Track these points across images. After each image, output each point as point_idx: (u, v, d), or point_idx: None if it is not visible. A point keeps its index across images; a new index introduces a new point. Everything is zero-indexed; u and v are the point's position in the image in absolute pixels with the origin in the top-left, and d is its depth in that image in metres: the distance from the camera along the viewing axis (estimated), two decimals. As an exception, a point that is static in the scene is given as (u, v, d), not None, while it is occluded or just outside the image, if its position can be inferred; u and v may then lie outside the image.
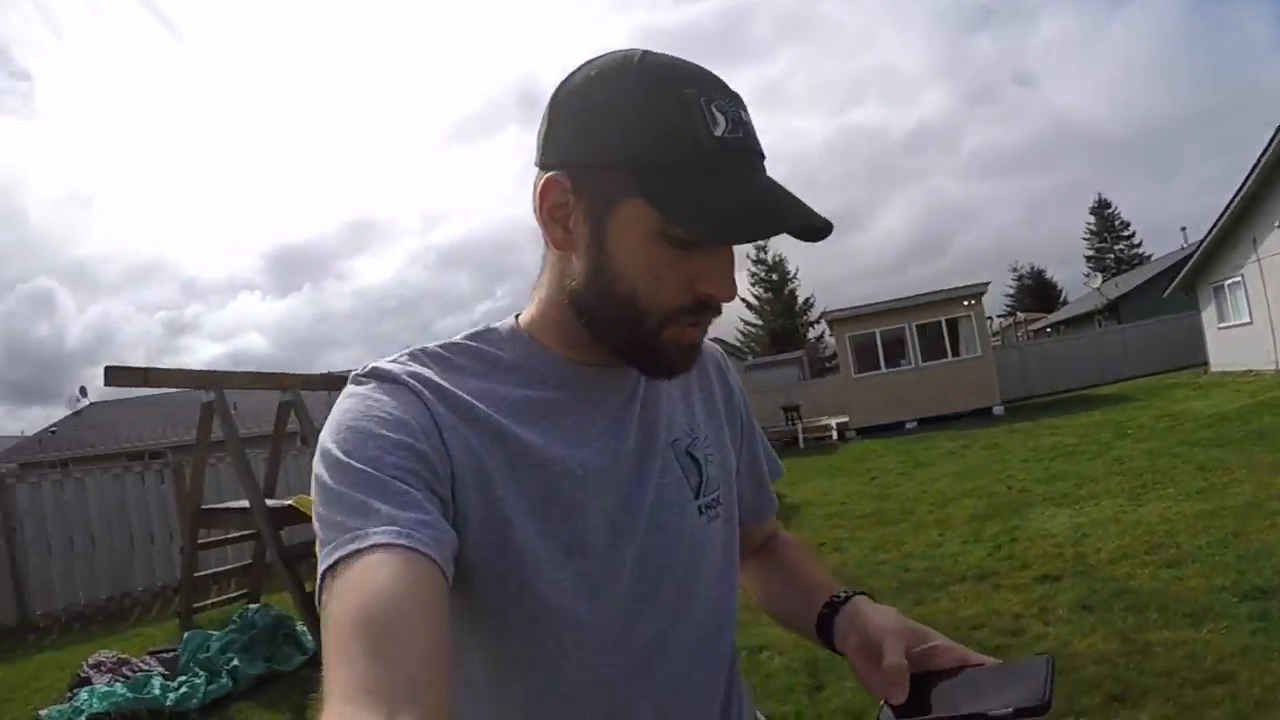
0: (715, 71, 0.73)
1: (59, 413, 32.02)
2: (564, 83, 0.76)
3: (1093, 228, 52.65)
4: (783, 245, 42.44)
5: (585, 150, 0.73)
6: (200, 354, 68.39)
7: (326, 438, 0.71)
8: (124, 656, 6.08)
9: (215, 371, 7.17)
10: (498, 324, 0.85)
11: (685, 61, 0.73)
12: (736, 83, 0.73)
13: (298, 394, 7.20)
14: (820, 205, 0.71)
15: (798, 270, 47.88)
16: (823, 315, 28.50)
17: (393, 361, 0.78)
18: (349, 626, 0.58)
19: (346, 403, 0.73)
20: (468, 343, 0.82)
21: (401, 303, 75.71)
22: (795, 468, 13.16)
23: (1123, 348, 23.63)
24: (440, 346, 0.81)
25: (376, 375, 0.76)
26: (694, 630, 0.84)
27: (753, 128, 0.72)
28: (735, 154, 0.70)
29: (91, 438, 25.64)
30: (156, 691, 5.27)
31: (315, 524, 0.67)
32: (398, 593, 0.59)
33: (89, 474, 9.95)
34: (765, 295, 48.61)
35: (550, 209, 0.75)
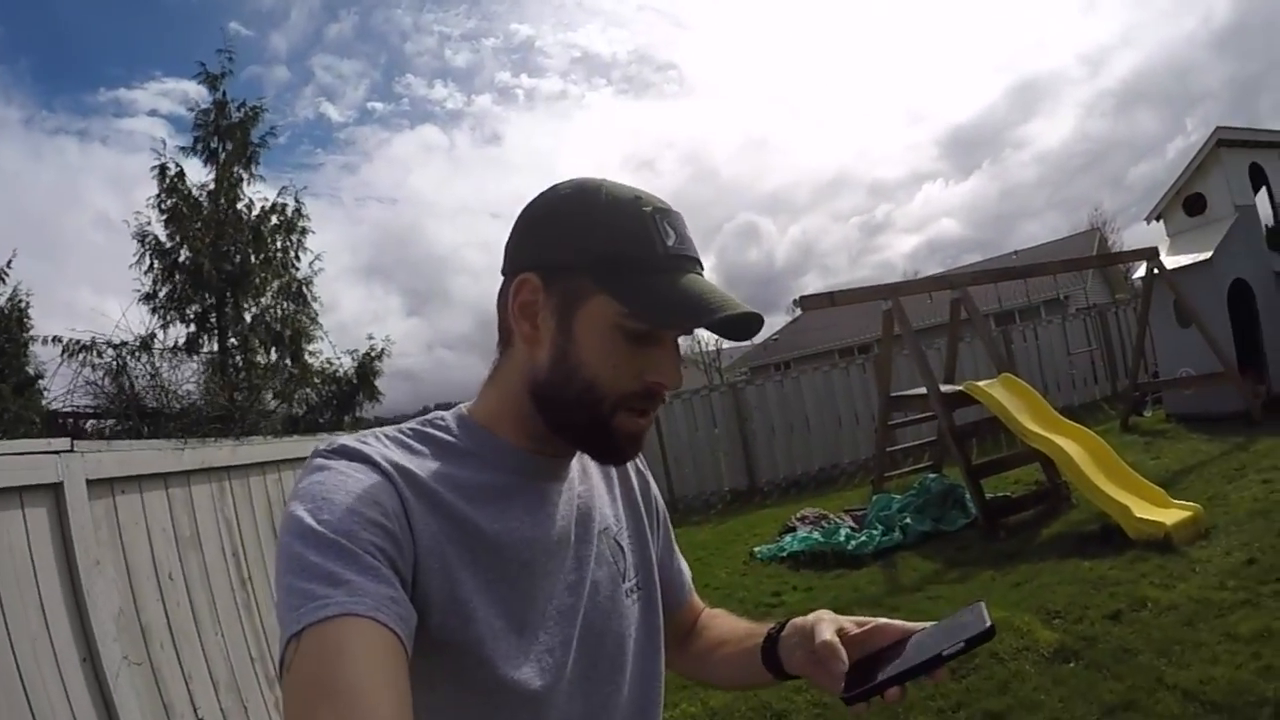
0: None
1: (779, 322, 37.69)
2: (534, 201, 0.89)
3: None
4: None
5: (556, 254, 0.85)
6: (898, 248, 72.14)
7: (298, 506, 0.73)
8: (823, 512, 7.86)
9: (889, 284, 8.35)
10: (443, 414, 0.93)
11: (639, 188, 0.86)
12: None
13: (965, 291, 7.90)
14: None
15: None
16: None
17: (359, 441, 0.83)
18: (315, 692, 0.61)
19: (318, 475, 0.77)
20: (422, 429, 0.89)
21: (1088, 158, 68.96)
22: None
23: None
24: (398, 431, 0.88)
25: (346, 453, 0.80)
26: (627, 704, 0.94)
27: (692, 241, 0.86)
28: (682, 260, 0.84)
29: (807, 340, 29.87)
30: (841, 539, 6.82)
31: (279, 589, 0.70)
32: (364, 662, 0.62)
33: (803, 373, 12.37)
34: None
35: (522, 306, 0.86)
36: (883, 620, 0.87)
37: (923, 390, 7.69)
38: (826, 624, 0.87)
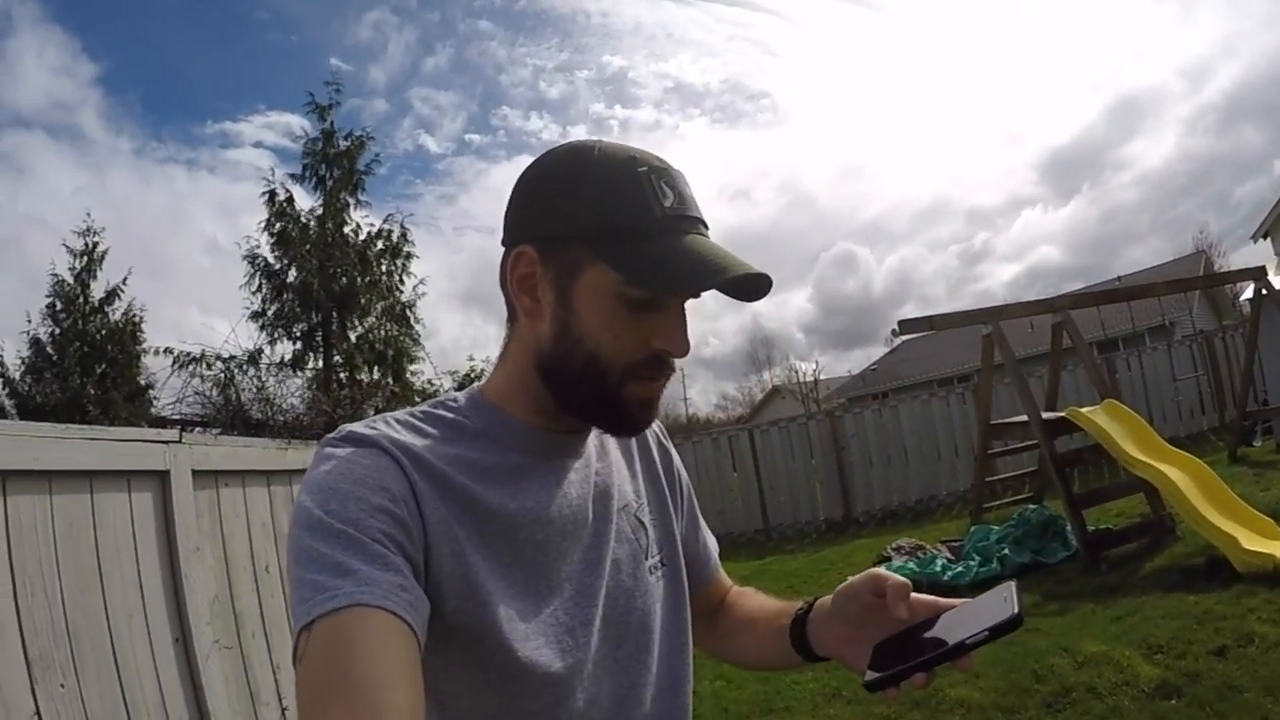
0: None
1: (877, 352, 37.07)
2: (528, 169, 0.87)
3: None
4: None
5: (551, 224, 0.83)
6: (998, 277, 69.86)
7: (305, 498, 0.74)
8: (920, 543, 7.70)
9: (989, 308, 8.16)
10: (456, 395, 0.92)
11: (635, 147, 0.83)
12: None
13: (1067, 314, 7.69)
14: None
15: None
16: None
17: (368, 427, 0.82)
18: (327, 683, 0.61)
19: (325, 465, 0.77)
20: (432, 411, 0.88)
21: (1190, 178, 65.38)
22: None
23: None
24: (407, 414, 0.87)
25: (353, 440, 0.80)
26: (654, 683, 0.92)
27: (694, 199, 0.83)
28: (681, 221, 0.80)
29: (905, 370, 29.27)
30: (938, 569, 6.67)
31: (290, 581, 0.70)
32: (375, 652, 0.63)
33: (902, 401, 12.13)
34: None
35: (520, 279, 0.84)
36: (916, 596, 0.81)
37: (1023, 418, 7.46)
38: (866, 579, 0.84)
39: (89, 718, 2.25)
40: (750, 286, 0.83)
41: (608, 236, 0.79)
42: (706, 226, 0.84)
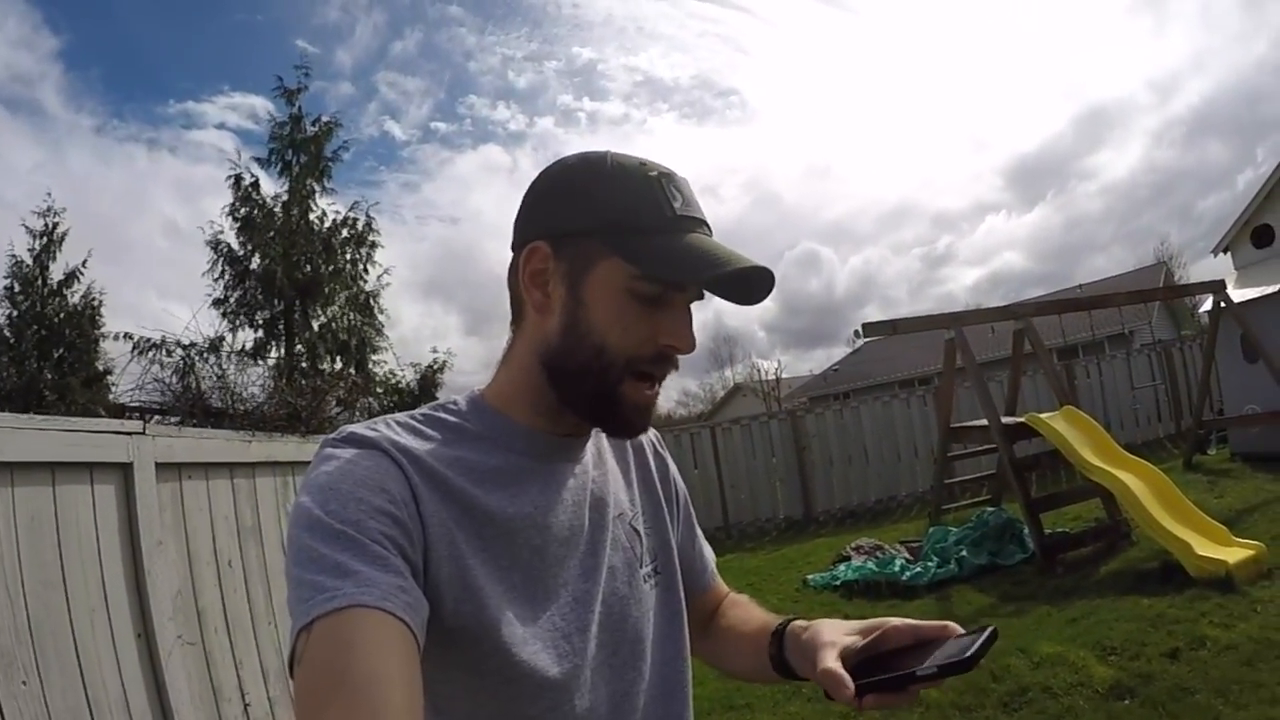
0: None
1: (839, 353, 37.38)
2: (540, 175, 0.90)
3: None
4: None
5: (566, 220, 0.85)
6: (960, 280, 70.69)
7: (305, 498, 0.74)
8: (879, 543, 7.81)
9: (952, 313, 8.27)
10: (456, 398, 0.93)
11: (643, 156, 0.87)
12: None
13: (1029, 321, 7.82)
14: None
15: None
16: None
17: (369, 429, 0.82)
18: (325, 682, 0.62)
19: (326, 465, 0.77)
20: (433, 414, 0.89)
21: (1153, 190, 66.81)
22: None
23: None
24: (408, 417, 0.88)
25: (354, 440, 0.80)
26: (647, 690, 0.93)
27: (699, 204, 0.87)
28: (690, 221, 0.84)
29: (868, 370, 29.58)
30: (896, 569, 6.76)
31: (289, 581, 0.70)
32: (374, 652, 0.63)
33: (863, 402, 12.20)
34: None
35: (532, 274, 0.87)
36: (891, 623, 0.82)
37: (983, 422, 7.56)
38: (827, 649, 0.82)
39: (51, 716, 2.21)
40: (753, 286, 0.86)
41: (622, 232, 0.82)
42: (710, 230, 0.87)
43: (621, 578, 0.93)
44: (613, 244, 0.82)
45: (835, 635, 0.85)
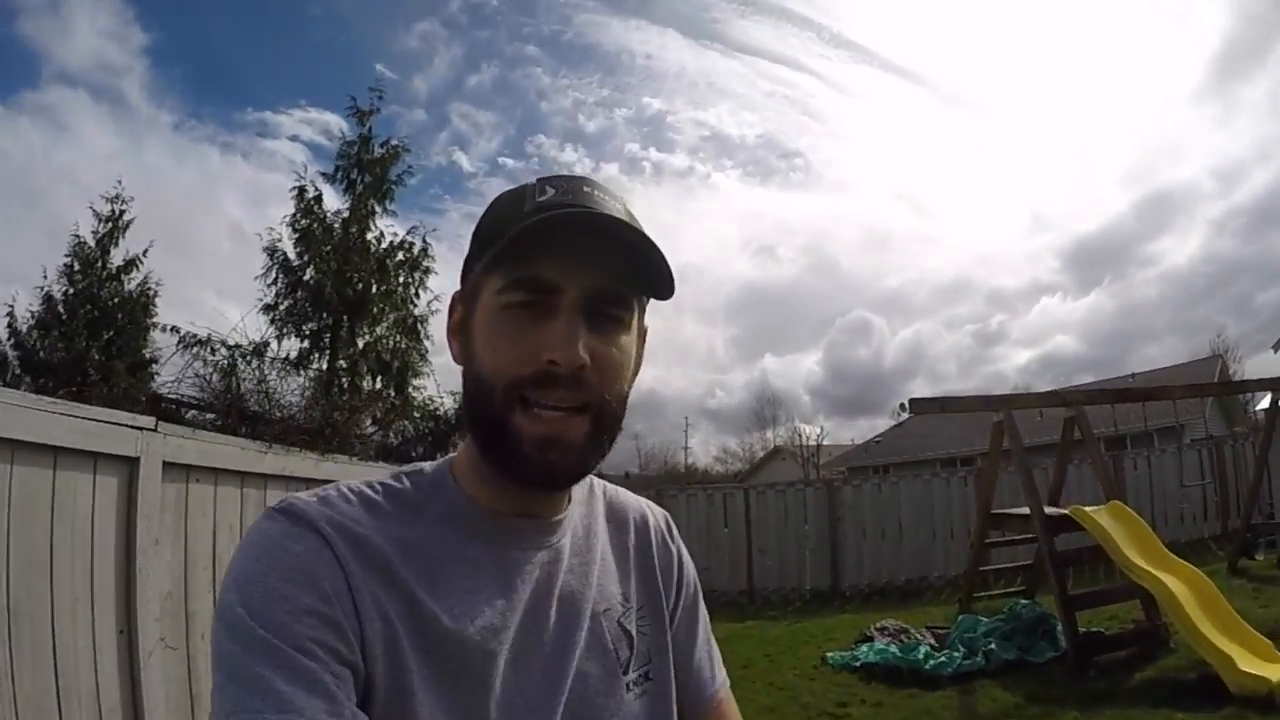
0: None
1: (883, 422, 36.89)
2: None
3: None
4: None
5: (466, 264, 0.81)
6: (1011, 360, 69.54)
7: (230, 588, 0.67)
8: (905, 626, 7.56)
9: (1002, 395, 8.14)
10: (425, 465, 0.84)
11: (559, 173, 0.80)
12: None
13: (1081, 410, 7.58)
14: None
15: None
16: None
17: (315, 499, 0.74)
18: None
19: (254, 546, 0.70)
20: (393, 483, 0.80)
21: (1211, 280, 65.18)
22: None
23: None
24: (366, 485, 0.78)
25: (291, 514, 0.71)
26: None
27: (588, 194, 0.77)
28: (552, 207, 0.74)
29: (910, 445, 29.09)
30: (920, 656, 6.48)
31: (213, 684, 0.65)
32: None
33: (903, 478, 12.04)
34: None
35: (450, 329, 0.82)
36: None
37: (1025, 510, 7.31)
38: None
39: (16, 699, 2.15)
40: (649, 276, 0.77)
41: (488, 247, 0.75)
42: (601, 214, 0.74)
43: (595, 686, 0.81)
44: (484, 263, 0.76)
45: None
